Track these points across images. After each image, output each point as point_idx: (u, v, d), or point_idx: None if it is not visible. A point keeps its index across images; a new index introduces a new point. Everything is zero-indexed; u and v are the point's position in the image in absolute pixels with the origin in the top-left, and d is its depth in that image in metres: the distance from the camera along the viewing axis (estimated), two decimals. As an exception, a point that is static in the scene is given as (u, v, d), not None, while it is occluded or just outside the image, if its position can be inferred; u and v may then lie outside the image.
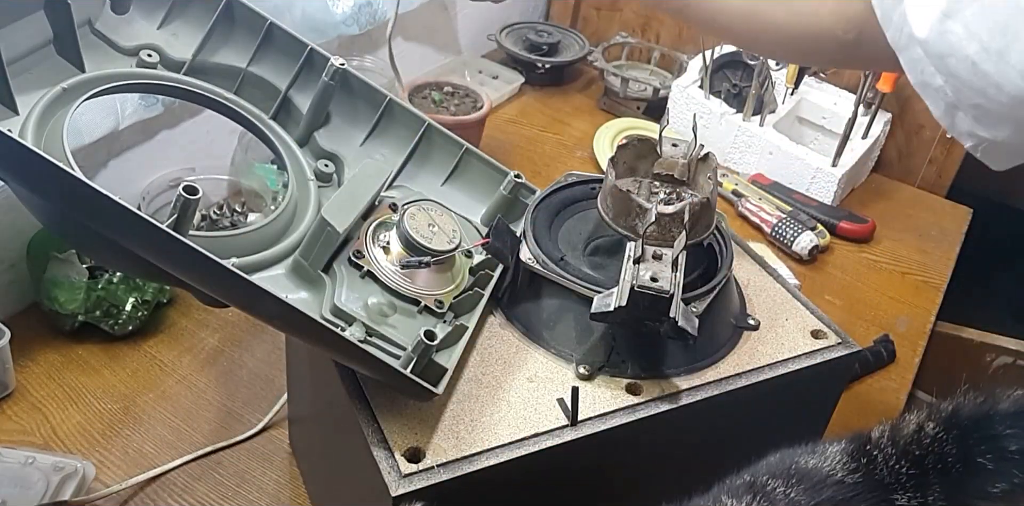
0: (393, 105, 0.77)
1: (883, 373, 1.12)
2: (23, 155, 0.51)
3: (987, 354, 1.33)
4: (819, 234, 1.27)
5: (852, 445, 0.50)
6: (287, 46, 0.74)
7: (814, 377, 0.73)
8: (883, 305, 1.23)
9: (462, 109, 1.33)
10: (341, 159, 0.75)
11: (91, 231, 0.55)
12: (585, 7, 1.72)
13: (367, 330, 0.64)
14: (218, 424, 0.94)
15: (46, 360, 0.99)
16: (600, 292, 0.66)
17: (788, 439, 0.53)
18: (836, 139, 1.35)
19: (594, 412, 0.66)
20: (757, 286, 0.79)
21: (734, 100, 1.42)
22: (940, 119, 0.63)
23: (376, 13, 1.30)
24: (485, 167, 0.79)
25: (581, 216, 0.78)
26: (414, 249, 0.69)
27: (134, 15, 0.71)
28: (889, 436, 0.50)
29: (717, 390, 0.69)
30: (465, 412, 0.65)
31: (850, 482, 0.49)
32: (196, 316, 1.06)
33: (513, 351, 0.70)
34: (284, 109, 0.76)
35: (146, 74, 0.70)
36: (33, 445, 0.90)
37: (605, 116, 1.53)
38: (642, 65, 1.61)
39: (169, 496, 0.87)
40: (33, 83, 0.63)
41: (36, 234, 1.00)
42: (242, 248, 0.65)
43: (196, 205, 0.57)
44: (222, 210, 1.10)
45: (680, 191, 0.75)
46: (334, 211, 0.66)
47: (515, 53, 1.56)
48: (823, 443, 0.51)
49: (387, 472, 0.59)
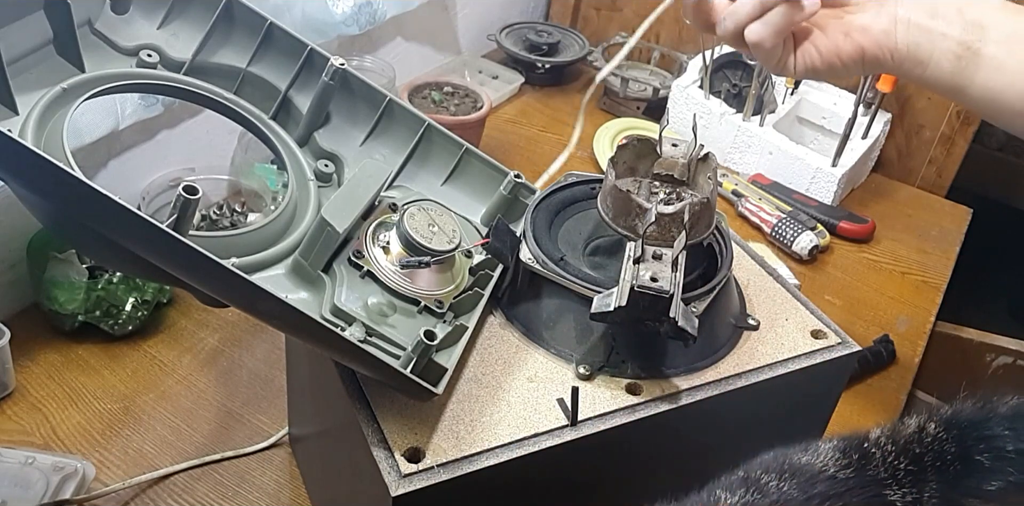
0: (393, 105, 0.77)
1: (883, 373, 1.12)
2: (23, 155, 0.51)
3: (987, 354, 1.33)
4: (819, 234, 1.27)
5: (845, 443, 0.51)
6: (287, 46, 0.74)
7: (814, 377, 0.73)
8: (883, 305, 1.23)
9: (462, 109, 1.33)
10: (341, 159, 0.75)
11: (91, 231, 0.55)
12: (585, 7, 1.72)
13: (367, 330, 0.64)
14: (218, 424, 0.94)
15: (46, 360, 0.99)
16: (600, 292, 0.66)
17: (788, 439, 0.53)
18: (836, 139, 1.35)
19: (594, 412, 0.66)
20: (757, 286, 0.79)
21: (734, 100, 1.42)
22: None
23: (376, 13, 1.30)
24: (485, 167, 0.79)
25: (581, 216, 0.78)
26: (414, 249, 0.69)
27: (134, 15, 0.71)
28: (888, 435, 0.51)
29: (717, 390, 0.69)
30: (465, 412, 0.65)
31: (842, 478, 0.49)
32: (196, 316, 1.06)
33: (513, 351, 0.70)
34: (284, 109, 0.76)
35: (146, 74, 0.70)
36: (33, 445, 0.90)
37: (605, 116, 1.53)
38: (642, 65, 1.61)
39: (169, 496, 0.87)
40: (33, 83, 0.63)
41: (36, 234, 1.00)
42: (242, 248, 0.65)
43: (196, 205, 0.57)
44: (222, 210, 1.10)
45: (680, 191, 0.75)
46: (334, 211, 0.66)
47: (515, 53, 1.57)
48: (816, 442, 0.52)
49: (387, 472, 0.59)
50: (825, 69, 0.77)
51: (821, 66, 0.77)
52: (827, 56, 0.76)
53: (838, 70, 0.77)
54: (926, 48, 0.74)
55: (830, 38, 0.76)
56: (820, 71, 0.77)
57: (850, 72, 0.78)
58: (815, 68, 0.77)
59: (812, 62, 0.77)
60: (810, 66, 0.77)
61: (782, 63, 0.78)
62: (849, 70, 0.77)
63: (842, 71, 0.77)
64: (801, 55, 0.77)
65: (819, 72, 0.78)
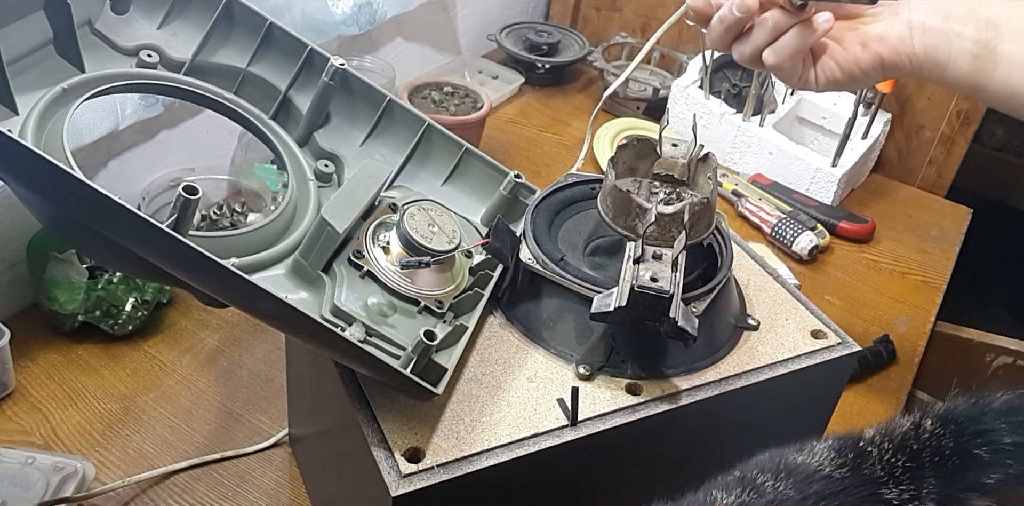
0: (393, 105, 0.77)
1: (883, 373, 1.12)
2: (23, 155, 0.51)
3: (987, 354, 1.32)
4: (819, 234, 1.27)
5: (840, 442, 0.52)
6: (287, 46, 0.74)
7: (814, 377, 0.73)
8: (883, 305, 1.23)
9: (462, 109, 1.33)
10: (341, 159, 0.75)
11: (91, 231, 0.55)
12: (585, 7, 1.72)
13: (367, 330, 0.64)
14: (218, 424, 0.94)
15: (46, 360, 0.99)
16: (600, 292, 0.66)
17: (788, 439, 0.53)
18: (836, 139, 1.35)
19: (594, 412, 0.65)
20: (757, 286, 0.79)
21: (734, 100, 1.42)
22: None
23: (376, 13, 1.30)
24: (485, 167, 0.79)
25: (581, 216, 0.78)
26: (414, 249, 0.69)
27: (134, 15, 0.71)
28: (884, 433, 0.51)
29: (717, 390, 0.69)
30: (465, 412, 0.65)
31: (838, 477, 0.50)
32: (196, 316, 1.06)
33: (513, 351, 0.70)
34: (284, 109, 0.76)
35: (146, 74, 0.70)
36: (33, 445, 0.90)
37: (605, 116, 1.53)
38: (642, 65, 1.61)
39: (169, 496, 0.87)
40: (33, 83, 0.63)
41: (36, 234, 1.00)
42: (242, 248, 0.65)
43: (196, 205, 0.57)
44: (222, 210, 1.10)
45: (680, 191, 0.75)
46: (334, 211, 0.66)
47: (515, 53, 1.56)
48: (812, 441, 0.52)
49: (387, 472, 0.59)
50: (846, 80, 0.78)
51: (842, 78, 0.78)
52: (847, 68, 0.77)
53: (859, 80, 0.78)
54: (943, 50, 0.75)
55: (848, 50, 0.77)
56: (841, 83, 0.78)
57: (870, 80, 0.78)
58: (836, 80, 0.78)
59: (833, 75, 0.78)
60: (831, 79, 0.78)
61: (803, 80, 0.79)
62: (870, 78, 0.78)
63: (863, 80, 0.78)
64: (821, 69, 0.78)
65: (840, 83, 0.78)
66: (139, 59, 0.70)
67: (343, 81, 0.75)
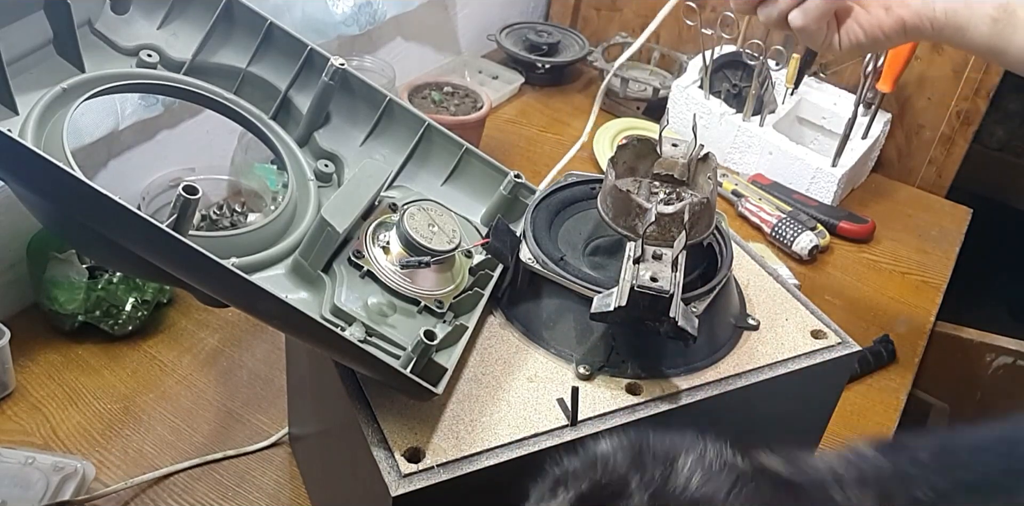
0: (393, 105, 0.77)
1: (883, 373, 1.12)
2: (23, 155, 0.51)
3: (987, 354, 1.33)
4: (819, 234, 1.27)
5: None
6: (287, 46, 0.74)
7: (814, 377, 0.73)
8: (883, 305, 1.23)
9: (462, 109, 1.33)
10: (341, 159, 0.75)
11: (91, 231, 0.55)
12: (585, 7, 1.72)
13: (367, 330, 0.64)
14: (218, 424, 0.94)
15: (46, 360, 0.99)
16: (600, 292, 0.66)
17: (788, 439, 0.53)
18: (836, 139, 1.35)
19: (594, 412, 0.66)
20: (757, 286, 0.79)
21: (734, 100, 1.42)
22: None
23: (376, 13, 1.30)
24: (485, 167, 0.79)
25: (581, 216, 0.78)
26: (414, 249, 0.69)
27: (134, 15, 0.71)
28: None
29: (717, 390, 0.69)
30: (465, 412, 0.65)
31: None
32: (196, 316, 1.06)
33: (513, 351, 0.70)
34: (284, 109, 0.76)
35: (146, 74, 0.70)
36: (33, 445, 0.90)
37: (605, 116, 1.53)
38: (642, 65, 1.61)
39: (169, 496, 0.87)
40: (33, 83, 0.63)
41: (36, 234, 1.00)
42: (242, 248, 0.65)
43: (196, 205, 0.57)
44: (222, 210, 1.10)
45: (680, 191, 0.75)
46: (334, 211, 0.66)
47: (515, 53, 1.56)
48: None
49: (387, 472, 0.59)
50: (869, 43, 0.80)
51: (865, 41, 0.80)
52: (870, 31, 0.80)
53: (881, 43, 0.81)
54: (964, 14, 0.77)
55: (872, 13, 0.79)
56: (864, 46, 0.81)
57: (892, 43, 0.81)
58: (859, 43, 0.80)
59: (856, 38, 0.80)
60: (855, 42, 0.80)
61: (827, 42, 0.81)
62: (892, 42, 0.81)
63: (885, 43, 0.81)
64: (845, 33, 0.80)
65: (864, 47, 0.81)
66: (139, 59, 0.70)
67: (343, 81, 0.75)
